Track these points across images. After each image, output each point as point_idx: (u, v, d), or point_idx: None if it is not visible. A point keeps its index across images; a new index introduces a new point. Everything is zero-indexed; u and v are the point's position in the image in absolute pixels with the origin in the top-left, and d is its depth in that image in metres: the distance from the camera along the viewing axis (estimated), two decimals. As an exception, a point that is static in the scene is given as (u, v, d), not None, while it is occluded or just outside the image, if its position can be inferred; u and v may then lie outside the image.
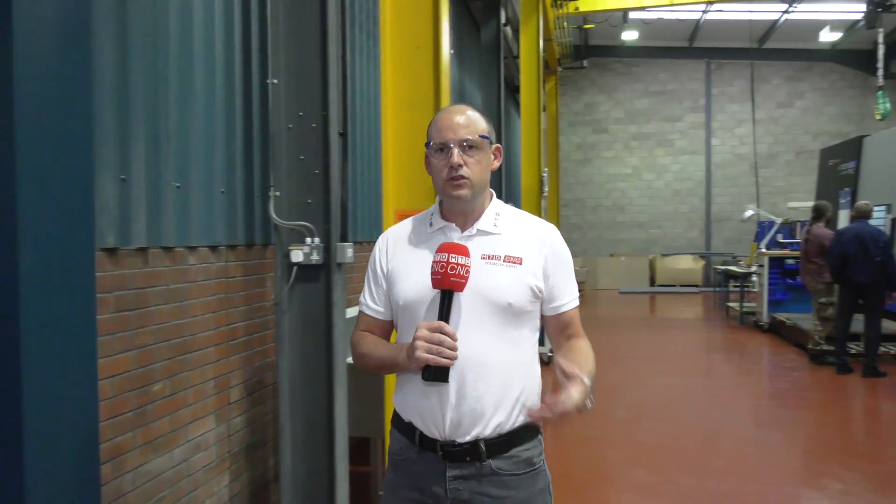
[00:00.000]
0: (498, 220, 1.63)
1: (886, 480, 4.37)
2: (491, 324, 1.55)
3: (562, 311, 1.65)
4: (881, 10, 9.82)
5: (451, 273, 1.46)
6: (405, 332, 1.61)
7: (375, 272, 1.68)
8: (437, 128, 1.59)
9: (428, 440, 1.57)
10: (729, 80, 17.22)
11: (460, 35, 8.66)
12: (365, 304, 1.69)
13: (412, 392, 1.59)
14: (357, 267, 4.66)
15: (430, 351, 1.44)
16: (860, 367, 7.05)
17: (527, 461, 1.60)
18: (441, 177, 1.57)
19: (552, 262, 1.62)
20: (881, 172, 9.55)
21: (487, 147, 1.60)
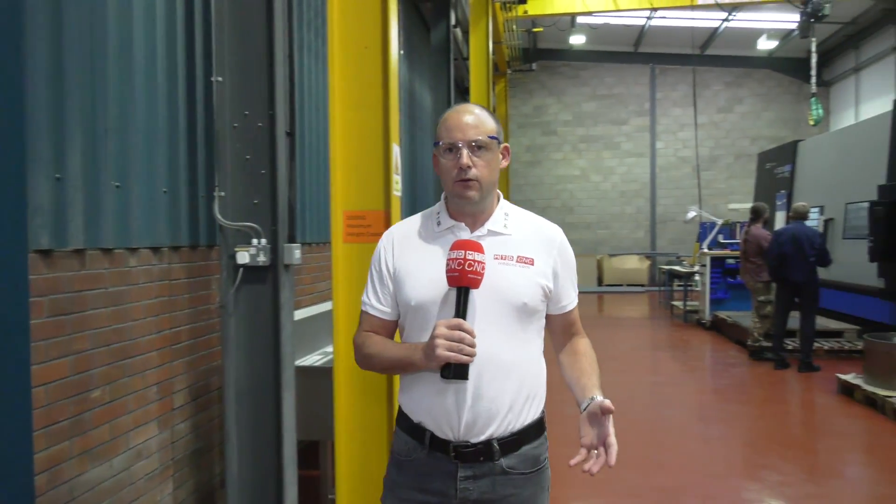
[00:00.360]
0: (507, 220, 1.64)
1: (820, 470, 4.56)
2: (505, 323, 1.56)
3: (567, 310, 1.70)
4: (814, 20, 10.23)
5: (469, 270, 1.46)
6: (416, 332, 1.59)
7: (381, 272, 1.65)
8: (446, 128, 1.58)
9: (439, 441, 1.57)
10: (672, 84, 17.70)
11: (410, 36, 8.66)
12: (369, 304, 1.66)
13: (423, 393, 1.58)
14: (305, 268, 4.60)
15: (452, 349, 1.43)
16: (796, 363, 7.34)
17: (535, 459, 1.62)
18: (450, 177, 1.56)
19: (560, 263, 1.65)
20: (814, 175, 9.98)
21: (496, 147, 1.60)
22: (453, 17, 8.12)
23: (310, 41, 4.60)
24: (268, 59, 2.58)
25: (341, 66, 2.52)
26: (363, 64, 2.49)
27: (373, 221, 2.53)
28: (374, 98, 2.49)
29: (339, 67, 2.52)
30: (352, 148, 2.52)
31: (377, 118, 2.49)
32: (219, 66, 2.62)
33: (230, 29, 2.60)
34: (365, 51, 2.50)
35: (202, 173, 3.09)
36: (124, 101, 2.55)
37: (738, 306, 9.96)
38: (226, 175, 2.63)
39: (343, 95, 2.52)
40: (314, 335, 3.94)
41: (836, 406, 5.98)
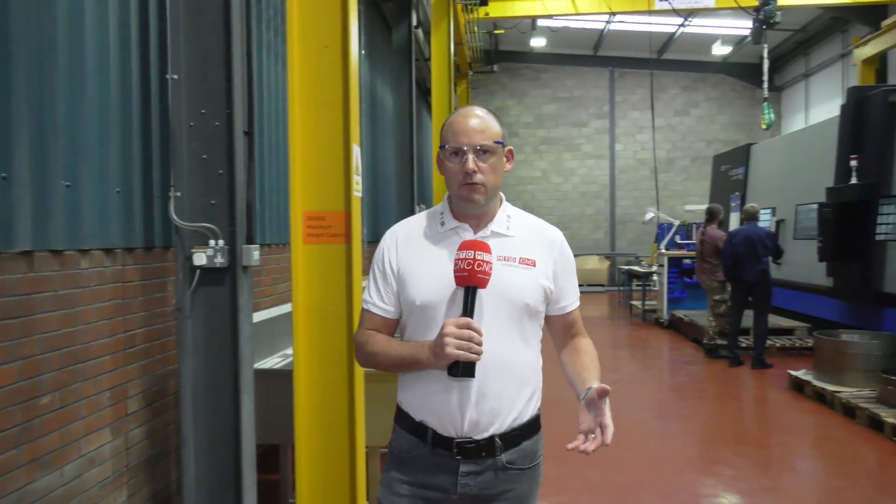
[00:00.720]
0: (510, 222, 1.67)
1: (772, 464, 4.69)
2: (509, 323, 1.60)
3: (567, 311, 1.74)
4: (766, 27, 10.53)
5: (479, 270, 1.48)
6: (420, 331, 1.61)
7: (384, 270, 1.67)
8: (452, 131, 1.60)
9: (442, 438, 1.60)
10: (631, 88, 18.00)
11: (371, 36, 8.62)
12: (372, 302, 1.68)
13: (427, 391, 1.60)
14: (265, 270, 4.54)
15: (461, 347, 1.45)
16: (750, 360, 7.54)
17: (533, 454, 1.67)
18: (456, 180, 1.59)
19: (561, 264, 1.69)
20: (767, 178, 10.26)
21: (501, 151, 1.63)
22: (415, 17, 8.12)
23: (269, 40, 4.54)
24: (225, 56, 2.54)
25: (301, 66, 2.49)
26: (323, 63, 2.47)
27: (333, 222, 2.51)
28: (334, 98, 2.47)
29: (298, 66, 2.49)
30: (311, 148, 2.49)
31: (337, 118, 2.47)
32: (174, 64, 2.57)
33: (186, 25, 2.54)
34: (325, 50, 2.48)
35: (157, 173, 3.02)
36: (74, 98, 2.48)
37: (694, 305, 10.18)
38: (182, 175, 2.58)
39: (302, 95, 2.50)
40: (274, 337, 3.89)
41: (788, 401, 6.16)
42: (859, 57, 12.47)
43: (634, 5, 11.50)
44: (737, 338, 7.71)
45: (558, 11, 11.90)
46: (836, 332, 6.52)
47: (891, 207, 6.81)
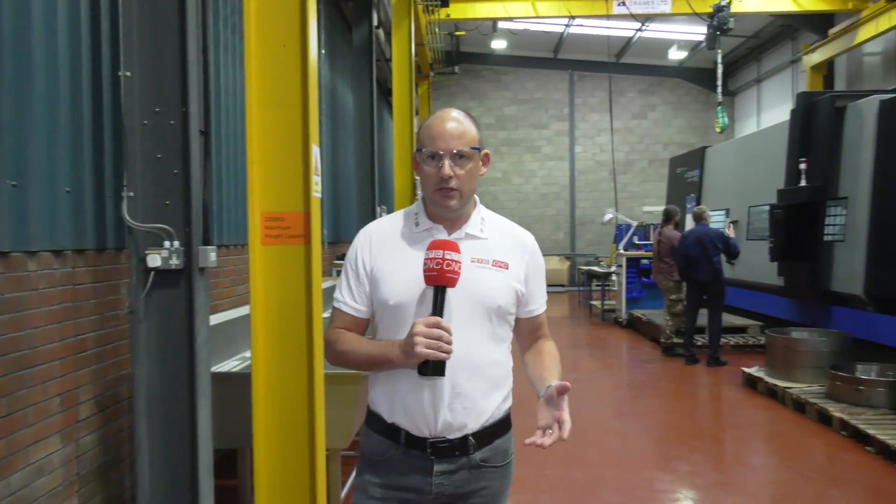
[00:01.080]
0: (483, 224, 1.69)
1: (726, 459, 4.81)
2: (481, 324, 1.61)
3: (535, 314, 1.76)
4: (719, 33, 10.82)
5: (447, 269, 1.49)
6: (392, 331, 1.62)
7: (357, 270, 1.66)
8: (429, 135, 1.60)
9: (415, 439, 1.61)
10: (590, 91, 18.26)
11: (332, 35, 8.55)
12: (343, 301, 1.68)
13: (398, 391, 1.61)
14: (223, 271, 4.47)
15: (430, 346, 1.46)
16: (706, 358, 7.71)
17: (505, 452, 1.70)
18: (431, 184, 1.60)
19: (532, 268, 1.71)
20: (721, 180, 10.52)
21: (478, 156, 1.64)
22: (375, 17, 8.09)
23: (226, 37, 4.46)
24: (180, 53, 2.48)
25: (258, 64, 2.45)
26: (281, 62, 2.44)
27: (292, 223, 2.48)
28: (293, 97, 2.44)
29: (255, 65, 2.46)
30: (269, 148, 2.45)
31: (296, 118, 2.44)
32: (127, 61, 2.50)
33: (139, 21, 2.48)
34: (283, 49, 2.44)
35: (110, 172, 2.94)
36: (21, 95, 2.39)
37: (652, 305, 10.38)
38: (135, 174, 2.52)
39: (260, 94, 2.46)
40: (232, 340, 3.82)
41: (742, 398, 6.33)
42: (808, 63, 12.89)
43: (593, 9, 11.67)
44: (693, 336, 7.89)
45: (519, 14, 12.00)
46: (787, 330, 6.73)
47: (838, 209, 7.06)
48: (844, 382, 5.37)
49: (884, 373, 5.57)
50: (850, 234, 6.81)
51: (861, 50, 12.20)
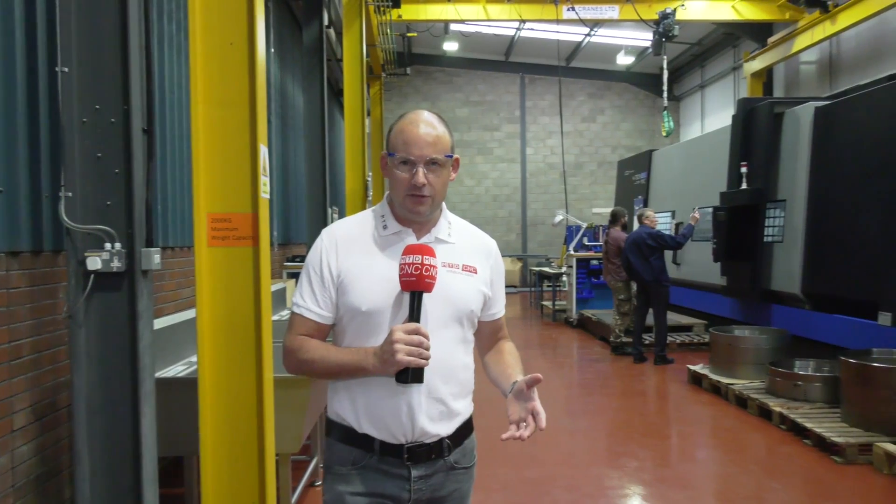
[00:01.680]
0: (451, 229, 1.68)
1: (672, 454, 4.93)
2: (454, 328, 1.61)
3: (497, 316, 1.78)
4: (665, 39, 11.11)
5: (426, 274, 1.47)
6: (363, 338, 1.57)
7: (321, 273, 1.59)
8: (402, 140, 1.56)
9: (391, 446, 1.58)
10: (540, 94, 18.49)
11: (281, 34, 8.42)
12: (306, 307, 1.60)
13: (371, 400, 1.57)
14: (168, 274, 4.35)
15: (411, 353, 1.43)
16: (653, 356, 7.90)
17: (472, 452, 1.71)
18: (402, 189, 1.57)
19: (496, 272, 1.73)
20: (667, 182, 10.80)
21: (449, 163, 1.62)
22: (326, 17, 8.00)
23: (171, 33, 4.35)
24: (121, 49, 2.40)
25: (204, 62, 2.40)
26: (228, 60, 2.39)
27: (239, 224, 2.43)
28: (240, 96, 2.39)
29: (201, 63, 2.40)
30: (216, 147, 2.40)
31: (243, 117, 2.39)
32: (65, 56, 2.41)
33: (77, 14, 2.39)
34: (230, 47, 2.39)
35: (46, 172, 2.83)
36: (-50, 89, 2.28)
37: (601, 305, 10.57)
38: (74, 174, 2.42)
39: (206, 92, 2.40)
40: (178, 344, 3.72)
41: (687, 395, 6.50)
42: (749, 70, 13.35)
43: (543, 14, 11.82)
44: (641, 335, 8.07)
45: (470, 17, 12.07)
46: (730, 329, 6.94)
47: (776, 211, 7.33)
48: (783, 378, 5.57)
49: (820, 368, 5.81)
50: (787, 235, 7.08)
51: (798, 58, 12.71)
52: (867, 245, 5.86)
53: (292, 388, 3.12)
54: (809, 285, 6.71)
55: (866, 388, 4.69)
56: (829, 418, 4.97)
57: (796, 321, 6.88)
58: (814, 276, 6.66)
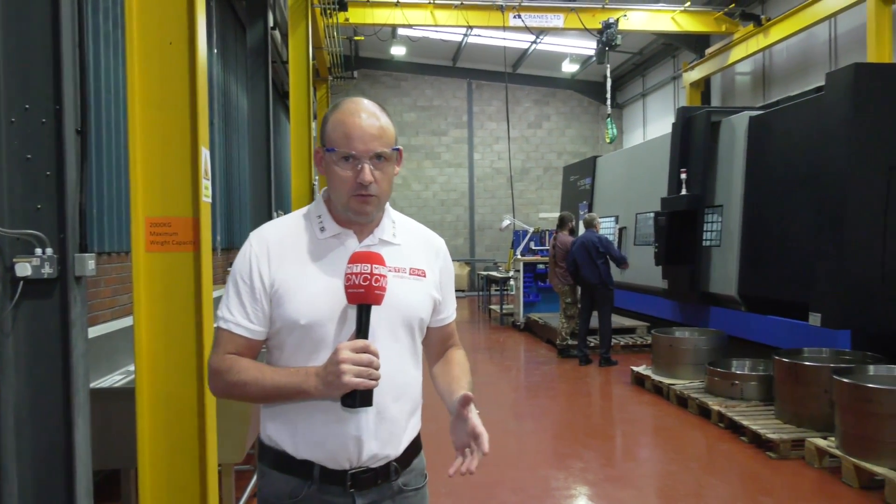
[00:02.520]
0: (395, 228, 1.51)
1: (616, 454, 5.03)
2: (403, 340, 1.46)
3: (446, 322, 1.61)
4: (608, 48, 11.38)
5: (376, 285, 1.31)
6: (303, 356, 1.39)
7: (251, 284, 1.40)
8: (343, 133, 1.39)
9: (332, 473, 1.40)
10: (487, 99, 18.66)
11: (224, 34, 8.25)
12: (234, 322, 1.41)
13: (311, 424, 1.39)
14: (104, 280, 4.20)
15: (361, 374, 1.28)
16: (598, 358, 8.05)
17: (421, 472, 1.56)
18: (345, 188, 1.40)
19: (445, 273, 1.57)
20: (611, 188, 11.04)
21: (395, 156, 1.46)
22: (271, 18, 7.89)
23: (107, 31, 4.20)
24: (52, 46, 2.31)
25: (142, 62, 2.33)
26: (167, 60, 2.32)
27: (179, 229, 2.37)
28: (180, 97, 2.33)
29: (139, 62, 2.33)
30: (155, 150, 2.33)
31: (183, 119, 2.33)
32: (-9, 52, 2.30)
33: (4, 8, 2.29)
34: (169, 46, 2.33)
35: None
36: None
37: (548, 308, 10.72)
38: (1, 177, 2.31)
39: (144, 93, 2.33)
40: (115, 353, 3.60)
41: (631, 395, 6.65)
42: (687, 80, 13.80)
43: (490, 20, 11.94)
44: (586, 338, 8.21)
45: (418, 21, 12.09)
46: (671, 330, 7.14)
47: (714, 216, 7.58)
48: (721, 378, 5.76)
49: (755, 368, 6.03)
50: (724, 239, 7.34)
51: (734, 69, 13.21)
52: (798, 249, 6.12)
53: (235, 397, 3.05)
54: (745, 288, 6.97)
55: (798, 385, 4.89)
56: (764, 415, 5.16)
57: (733, 322, 7.12)
58: (749, 278, 6.92)
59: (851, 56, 9.97)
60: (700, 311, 7.81)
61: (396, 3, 11.67)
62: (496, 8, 11.71)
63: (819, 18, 10.13)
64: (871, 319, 5.39)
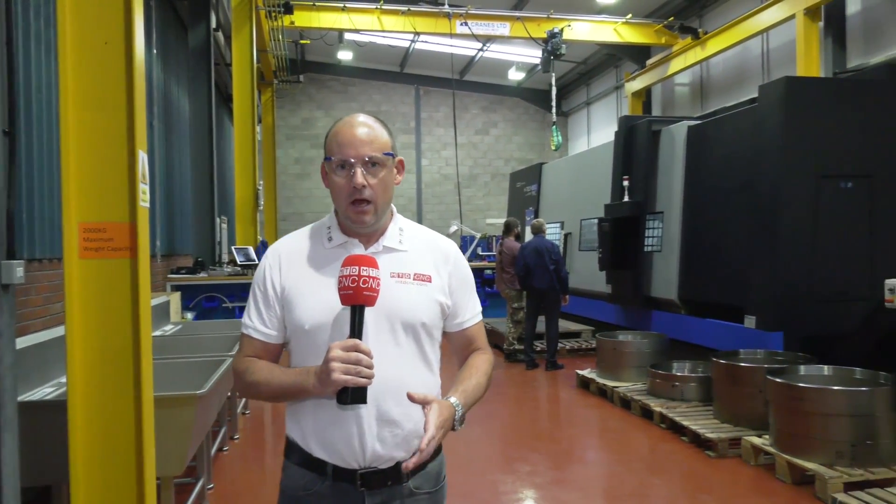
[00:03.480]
0: (402, 235, 1.58)
1: (562, 457, 5.10)
2: (406, 343, 1.50)
3: (465, 326, 1.66)
4: (553, 57, 11.59)
5: (364, 287, 1.37)
6: (308, 357, 1.47)
7: (266, 292, 1.53)
8: (337, 142, 1.50)
9: (343, 471, 1.47)
10: (435, 105, 18.74)
11: (165, 35, 8.04)
12: (253, 327, 1.54)
13: (319, 423, 1.48)
14: (35, 288, 4.02)
15: (348, 371, 1.33)
16: (545, 362, 8.14)
17: (437, 476, 1.59)
18: (343, 196, 1.49)
19: (456, 278, 1.61)
20: (556, 194, 11.22)
21: (391, 163, 1.54)
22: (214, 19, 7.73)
23: (38, 29, 4.04)
24: (-22, 44, 2.21)
25: (76, 62, 2.24)
26: (103, 61, 2.24)
27: (115, 235, 2.29)
28: (117, 99, 2.25)
29: (72, 63, 2.24)
30: (89, 153, 2.25)
31: (120, 121, 2.26)
32: (-90, 48, 2.18)
33: (-74, 5, 2.18)
34: (105, 46, 2.25)
35: None
36: None
37: (494, 314, 10.78)
38: (-80, 179, 2.19)
39: (78, 94, 2.25)
40: (46, 364, 3.44)
41: (576, 398, 6.75)
42: (629, 90, 14.17)
43: (437, 27, 12.00)
44: (532, 342, 8.30)
45: (364, 26, 12.05)
46: (614, 334, 7.28)
47: (655, 222, 7.79)
48: (662, 380, 5.91)
49: (695, 369, 6.21)
50: (665, 245, 7.54)
51: (673, 80, 13.64)
52: (734, 254, 6.34)
53: (176, 407, 2.96)
54: (685, 292, 7.18)
55: (734, 386, 5.06)
56: (704, 416, 5.32)
57: (674, 326, 7.32)
58: (688, 283, 7.13)
59: (783, 69, 10.43)
60: (642, 314, 8.00)
61: (343, 8, 11.60)
62: (443, 15, 11.78)
63: (752, 33, 10.57)
64: (801, 321, 5.63)
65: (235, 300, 7.05)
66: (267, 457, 5.19)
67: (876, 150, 5.77)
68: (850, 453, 4.04)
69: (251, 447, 5.36)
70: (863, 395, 4.15)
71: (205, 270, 7.21)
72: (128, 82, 2.27)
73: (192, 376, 3.75)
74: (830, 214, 5.69)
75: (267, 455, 5.25)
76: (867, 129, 5.77)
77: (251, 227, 7.82)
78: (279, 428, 6.07)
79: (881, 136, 5.77)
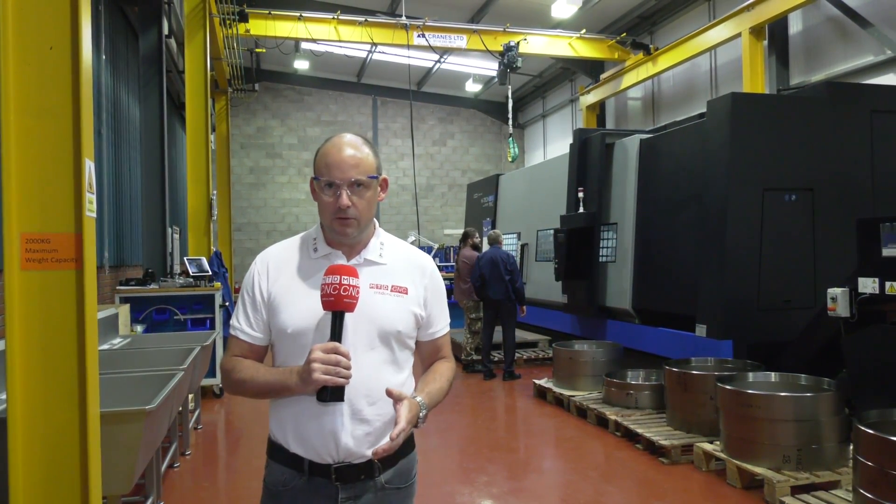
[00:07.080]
0: (383, 249, 1.70)
1: (519, 466, 5.12)
2: (382, 349, 1.62)
3: (436, 336, 1.79)
4: (509, 70, 11.74)
5: (345, 294, 1.49)
6: (291, 359, 1.60)
7: (254, 297, 1.66)
8: (325, 164, 1.59)
9: (319, 466, 1.60)
10: (392, 116, 18.74)
11: (115, 41, 7.85)
12: (240, 329, 1.66)
13: (297, 419, 1.60)
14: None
15: (328, 372, 1.45)
16: (502, 372, 8.18)
17: (408, 472, 1.73)
18: (328, 212, 1.60)
19: (431, 291, 1.74)
20: (513, 205, 11.32)
21: (376, 184, 1.64)
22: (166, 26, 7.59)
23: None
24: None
25: (18, 66, 2.16)
26: (47, 66, 2.17)
27: (60, 246, 2.21)
28: (62, 106, 2.18)
29: (14, 67, 2.16)
30: (32, 161, 2.17)
31: (65, 128, 2.19)
32: None
33: None
34: (49, 51, 2.18)
35: None
36: None
37: (453, 324, 10.71)
38: None
39: (20, 100, 2.17)
40: (-16, 381, 3.29)
41: (533, 408, 6.79)
42: (584, 103, 14.43)
43: (394, 38, 12.02)
44: (490, 353, 8.33)
45: (321, 36, 11.99)
46: (570, 343, 7.37)
47: (610, 233, 7.93)
48: (617, 388, 6.00)
49: (648, 377, 6.32)
50: (619, 255, 7.68)
51: (626, 94, 13.95)
52: (685, 265, 6.50)
53: (123, 423, 2.87)
54: (638, 301, 7.31)
55: (686, 393, 5.17)
56: (657, 423, 5.41)
57: (628, 335, 7.45)
58: (642, 292, 7.27)
59: (730, 85, 10.78)
60: (597, 324, 8.12)
61: (299, 17, 11.53)
62: (400, 26, 11.81)
63: (701, 50, 10.90)
64: (749, 330, 5.79)
65: (188, 312, 6.88)
66: (219, 472, 5.06)
67: (817, 165, 5.99)
68: (797, 457, 4.16)
69: (203, 463, 5.22)
70: (808, 400, 4.28)
71: (155, 282, 7.03)
72: (74, 88, 2.21)
73: (142, 391, 3.64)
74: (775, 226, 5.88)
75: (219, 471, 5.12)
76: (809, 144, 6.00)
77: (204, 238, 7.66)
78: (232, 443, 5.93)
79: (822, 150, 6.01)
